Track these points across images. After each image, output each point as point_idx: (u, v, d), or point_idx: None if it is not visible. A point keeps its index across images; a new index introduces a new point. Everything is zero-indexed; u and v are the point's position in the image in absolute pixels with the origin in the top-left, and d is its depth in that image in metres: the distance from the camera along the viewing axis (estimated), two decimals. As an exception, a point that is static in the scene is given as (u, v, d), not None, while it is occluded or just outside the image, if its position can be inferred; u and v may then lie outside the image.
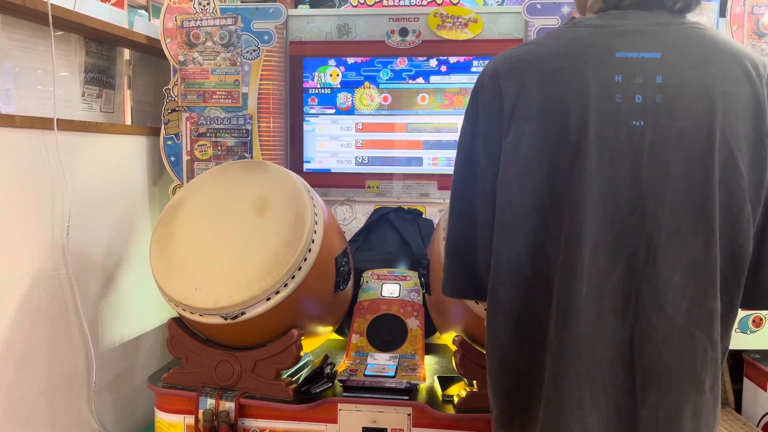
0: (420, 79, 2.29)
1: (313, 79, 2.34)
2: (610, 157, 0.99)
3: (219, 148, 2.29)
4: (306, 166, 2.37)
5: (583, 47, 1.02)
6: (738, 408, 2.18)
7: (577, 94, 0.99)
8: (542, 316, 1.04)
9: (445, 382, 1.84)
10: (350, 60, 2.31)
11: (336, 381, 1.80)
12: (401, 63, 2.29)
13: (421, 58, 2.28)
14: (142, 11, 3.52)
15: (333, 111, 2.35)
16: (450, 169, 2.25)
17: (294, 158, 2.36)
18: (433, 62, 2.28)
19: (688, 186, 0.98)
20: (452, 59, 2.27)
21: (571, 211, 0.99)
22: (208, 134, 2.29)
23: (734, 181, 1.00)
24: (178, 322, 1.80)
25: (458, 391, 1.77)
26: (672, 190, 0.98)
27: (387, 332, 1.95)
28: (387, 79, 2.31)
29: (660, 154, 0.98)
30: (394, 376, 1.76)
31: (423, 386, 1.79)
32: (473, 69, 2.26)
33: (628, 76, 0.99)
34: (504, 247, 1.06)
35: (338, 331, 2.15)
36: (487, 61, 2.20)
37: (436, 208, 2.31)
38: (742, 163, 1.00)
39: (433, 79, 2.29)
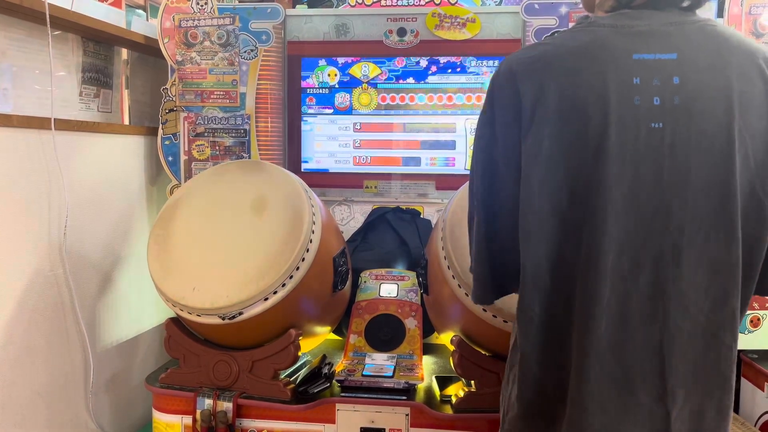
0: (418, 79, 2.29)
1: (311, 79, 2.34)
2: (632, 161, 0.98)
3: (217, 148, 2.29)
4: (304, 166, 2.37)
5: (600, 48, 1.01)
6: (736, 408, 2.18)
7: (597, 96, 0.98)
8: (562, 322, 1.03)
9: (443, 382, 1.84)
10: (341, 60, 2.31)
11: (334, 381, 1.80)
12: (399, 63, 2.29)
13: (419, 58, 2.28)
14: (140, 11, 3.52)
15: (331, 111, 2.35)
16: (448, 170, 2.29)
17: (292, 158, 2.36)
18: (431, 62, 2.28)
19: (709, 186, 0.98)
20: (450, 59, 2.27)
21: (593, 215, 0.99)
22: (205, 134, 2.29)
23: (751, 179, 1.00)
24: (176, 322, 1.80)
25: (456, 391, 1.77)
26: (693, 191, 0.98)
27: (385, 332, 1.95)
28: (385, 80, 2.31)
29: (680, 156, 0.98)
30: (392, 376, 1.76)
31: (421, 386, 1.79)
32: (471, 69, 2.26)
33: (646, 78, 0.98)
34: (527, 254, 1.04)
35: (336, 331, 2.15)
36: (483, 61, 2.23)
37: (435, 208, 2.31)
38: (758, 161, 1.00)
39: (430, 79, 2.29)
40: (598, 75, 0.99)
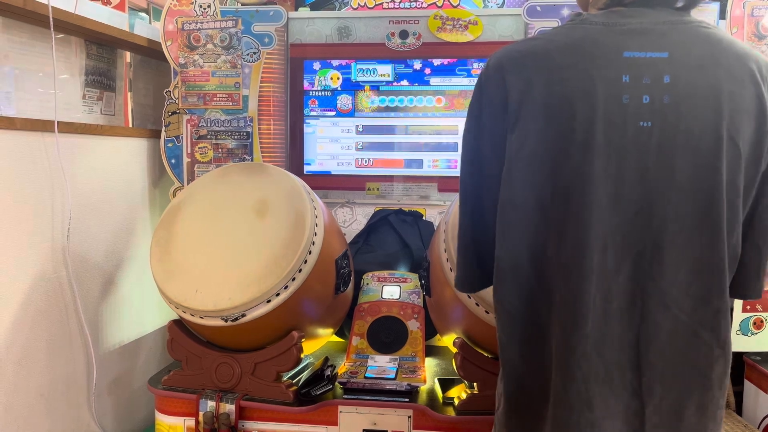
0: (420, 82, 2.29)
1: (313, 82, 2.35)
2: (617, 158, 0.98)
3: (219, 150, 2.29)
4: (306, 168, 2.37)
5: (590, 45, 1.01)
6: (739, 410, 2.18)
7: (584, 93, 0.98)
8: (543, 316, 1.04)
9: (446, 384, 1.84)
10: (343, 63, 2.31)
11: (336, 383, 1.80)
12: (401, 65, 2.29)
13: (421, 61, 2.28)
14: (143, 14, 3.53)
15: (333, 113, 2.35)
16: (450, 172, 2.29)
17: (294, 160, 2.36)
18: (434, 64, 2.28)
19: (695, 186, 0.98)
20: (452, 61, 2.27)
21: (578, 211, 0.99)
22: (208, 136, 2.30)
23: (736, 181, 1.00)
24: (179, 324, 1.80)
25: (459, 393, 1.76)
26: (678, 191, 0.98)
27: (387, 334, 1.95)
28: (387, 82, 2.31)
29: (667, 155, 0.98)
30: (394, 378, 1.76)
31: (423, 388, 1.79)
32: (473, 71, 2.27)
33: (636, 77, 0.98)
34: (505, 246, 1.05)
35: (338, 333, 2.15)
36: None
37: (437, 210, 2.31)
38: (743, 163, 1.00)
39: (433, 81, 2.29)
40: (586, 72, 0.99)
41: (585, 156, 0.98)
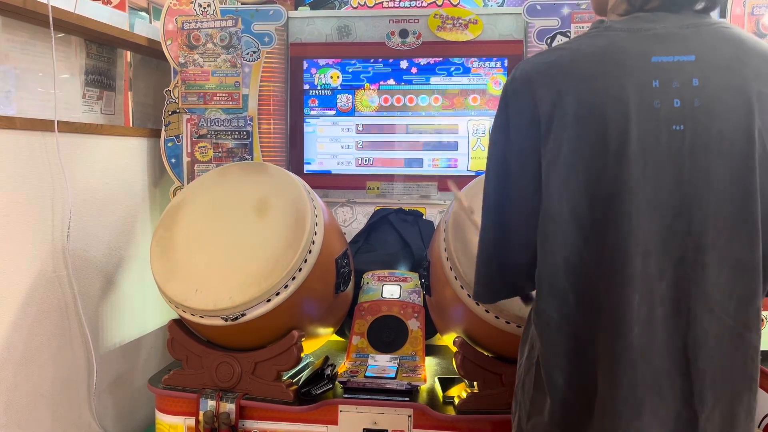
0: (420, 81, 2.29)
1: (313, 81, 2.34)
2: (653, 164, 0.98)
3: (219, 149, 2.29)
4: (306, 168, 2.37)
5: (618, 53, 1.01)
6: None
7: (616, 101, 0.98)
8: (585, 328, 1.03)
9: (446, 383, 1.84)
10: (343, 62, 2.31)
11: (336, 382, 1.80)
12: (401, 64, 2.29)
13: (421, 60, 2.28)
14: (143, 13, 3.53)
15: (333, 112, 2.35)
16: (450, 171, 2.30)
17: (294, 160, 2.36)
18: (434, 63, 2.28)
19: (731, 187, 0.98)
20: (452, 60, 2.27)
21: (617, 219, 0.98)
22: (208, 136, 2.29)
23: None
24: (179, 323, 1.81)
25: (459, 392, 1.76)
26: (714, 192, 0.98)
27: (387, 333, 1.95)
28: (387, 81, 2.31)
29: (701, 158, 0.98)
30: (394, 378, 1.76)
31: (423, 387, 1.79)
32: (473, 70, 2.26)
33: (665, 81, 0.98)
34: (544, 259, 1.05)
35: (339, 333, 2.15)
36: (486, 62, 2.23)
37: (437, 210, 2.31)
38: None
39: (433, 80, 2.29)
40: (616, 80, 0.99)
41: (621, 164, 0.98)
